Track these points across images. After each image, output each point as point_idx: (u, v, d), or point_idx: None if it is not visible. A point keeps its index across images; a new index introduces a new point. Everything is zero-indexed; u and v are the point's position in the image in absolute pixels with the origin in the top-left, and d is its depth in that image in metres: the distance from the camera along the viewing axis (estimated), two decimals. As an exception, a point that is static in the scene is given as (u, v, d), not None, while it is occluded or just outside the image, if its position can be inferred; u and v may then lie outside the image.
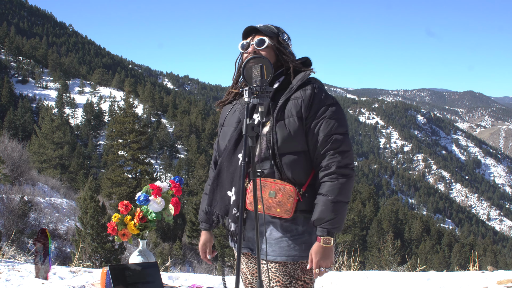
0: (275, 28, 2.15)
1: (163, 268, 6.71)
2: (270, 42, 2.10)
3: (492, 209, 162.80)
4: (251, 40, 2.12)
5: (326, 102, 2.03)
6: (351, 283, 5.33)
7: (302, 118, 2.00)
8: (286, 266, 2.00)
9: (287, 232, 2.02)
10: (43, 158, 37.78)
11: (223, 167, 2.13)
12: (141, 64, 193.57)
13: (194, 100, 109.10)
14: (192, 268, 22.15)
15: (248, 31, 2.13)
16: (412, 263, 8.90)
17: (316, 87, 2.05)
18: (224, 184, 2.12)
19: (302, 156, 2.01)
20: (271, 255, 2.01)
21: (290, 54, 2.15)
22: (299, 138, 2.00)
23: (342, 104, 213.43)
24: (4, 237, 11.87)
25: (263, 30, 2.10)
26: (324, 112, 2.01)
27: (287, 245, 2.00)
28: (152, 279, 2.52)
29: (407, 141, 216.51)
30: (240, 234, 1.77)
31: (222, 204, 2.12)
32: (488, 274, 5.49)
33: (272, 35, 2.11)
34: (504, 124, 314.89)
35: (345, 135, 2.01)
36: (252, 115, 2.08)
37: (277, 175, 2.01)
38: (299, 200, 1.99)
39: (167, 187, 2.76)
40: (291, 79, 2.10)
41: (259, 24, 2.14)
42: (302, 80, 2.06)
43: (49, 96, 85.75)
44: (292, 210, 1.97)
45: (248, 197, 2.02)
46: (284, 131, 1.98)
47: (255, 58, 1.97)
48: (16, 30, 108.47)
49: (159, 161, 70.98)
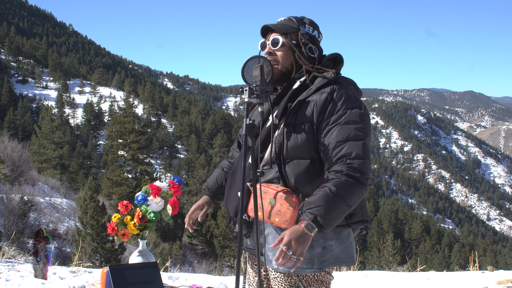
0: (296, 21, 2.01)
1: (163, 268, 6.71)
2: (285, 41, 1.99)
3: (492, 209, 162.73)
4: (268, 39, 2.04)
5: (346, 105, 1.87)
6: (351, 283, 5.32)
7: (313, 123, 1.88)
8: (290, 277, 1.93)
9: None
10: (43, 158, 37.78)
11: (237, 166, 2.07)
12: (141, 64, 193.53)
13: (194, 100, 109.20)
14: (192, 268, 22.15)
15: (265, 29, 2.05)
16: (412, 263, 8.89)
17: (336, 89, 1.90)
18: (236, 184, 2.07)
19: (309, 163, 1.89)
20: (274, 263, 1.94)
21: (310, 51, 2.00)
22: (307, 144, 1.88)
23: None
24: (4, 237, 11.87)
25: (279, 27, 1.99)
26: (340, 117, 1.86)
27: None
28: (152, 279, 2.52)
29: (407, 141, 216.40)
30: (240, 235, 1.76)
31: (233, 204, 2.08)
32: (488, 274, 5.49)
33: (291, 30, 1.99)
34: (504, 124, 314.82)
35: (362, 141, 1.84)
36: (268, 116, 2.00)
37: (282, 181, 1.92)
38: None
39: (167, 187, 2.76)
40: (308, 80, 1.97)
41: (281, 18, 2.05)
42: (322, 82, 1.92)
43: (49, 96, 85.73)
44: (291, 221, 1.84)
45: (250, 203, 1.95)
46: (292, 136, 1.89)
47: (255, 58, 1.96)
48: (16, 30, 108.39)
49: (159, 161, 70.96)
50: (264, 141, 1.98)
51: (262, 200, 1.84)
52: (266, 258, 1.97)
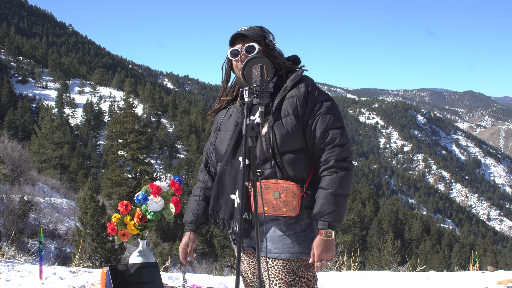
0: (259, 30, 2.15)
1: (163, 268, 6.71)
2: (259, 47, 2.11)
3: (492, 209, 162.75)
4: (241, 47, 2.13)
5: (320, 98, 2.07)
6: (351, 283, 5.32)
7: (298, 116, 2.04)
8: (289, 263, 2.02)
9: (290, 229, 2.05)
10: (43, 158, 37.77)
11: (224, 171, 2.15)
12: (141, 64, 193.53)
13: (194, 100, 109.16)
14: (192, 268, 22.15)
15: (235, 37, 2.15)
16: (412, 263, 8.89)
17: (309, 84, 2.09)
18: (226, 188, 2.14)
19: (302, 153, 2.05)
20: (274, 252, 2.04)
21: (279, 55, 2.17)
22: (297, 136, 2.03)
23: (342, 104, 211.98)
24: (4, 237, 11.86)
25: (250, 35, 2.11)
26: (319, 109, 2.05)
27: (290, 242, 2.03)
28: (152, 279, 2.52)
29: (407, 141, 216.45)
30: (240, 236, 1.77)
31: (227, 208, 2.14)
32: (488, 274, 5.49)
33: (258, 38, 2.12)
34: (504, 124, 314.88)
35: (341, 129, 2.06)
36: (250, 116, 2.07)
37: (279, 174, 2.04)
38: (303, 197, 2.03)
39: (167, 187, 2.76)
40: (284, 79, 2.14)
41: (243, 28, 2.16)
42: (295, 79, 2.09)
43: (49, 96, 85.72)
44: (298, 207, 2.00)
45: (251, 202, 2.03)
46: (283, 130, 2.02)
47: (255, 58, 1.97)
48: (16, 30, 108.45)
49: (159, 161, 70.97)
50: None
51: (266, 195, 1.97)
52: (265, 249, 2.05)
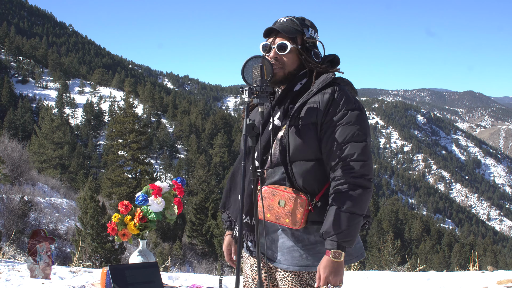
0: (298, 24, 1.99)
1: (163, 268, 6.71)
2: (292, 46, 1.97)
3: (492, 209, 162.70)
4: (273, 43, 2.00)
5: (347, 107, 1.89)
6: (351, 283, 5.33)
7: (317, 124, 1.90)
8: (301, 276, 1.93)
9: (298, 241, 1.94)
10: (43, 158, 37.76)
11: (237, 169, 2.11)
12: (141, 64, 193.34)
13: (194, 100, 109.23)
14: (192, 268, 22.15)
15: (269, 31, 2.01)
16: (412, 263, 8.88)
17: (337, 90, 1.91)
18: (237, 187, 2.10)
19: (315, 164, 1.90)
20: (283, 263, 1.95)
21: (315, 55, 2.02)
22: (313, 145, 1.89)
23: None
24: (4, 237, 11.86)
25: (285, 30, 1.96)
26: (341, 118, 1.88)
27: (299, 255, 1.94)
28: (152, 279, 2.51)
29: (407, 141, 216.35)
30: (240, 236, 1.77)
31: (235, 208, 2.09)
32: (488, 274, 5.49)
33: (294, 34, 1.97)
34: (504, 124, 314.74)
35: (364, 142, 1.87)
36: (272, 117, 1.97)
37: (288, 183, 1.92)
38: (310, 211, 1.89)
39: (167, 187, 2.76)
40: (313, 82, 1.98)
41: (282, 19, 2.02)
42: (323, 84, 1.92)
43: (49, 96, 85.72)
44: (302, 221, 1.87)
45: (258, 205, 1.95)
46: (297, 137, 1.89)
47: (255, 58, 1.96)
48: (16, 30, 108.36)
49: (159, 161, 70.98)
50: (267, 143, 1.98)
51: (271, 202, 1.87)
52: (275, 258, 1.98)
